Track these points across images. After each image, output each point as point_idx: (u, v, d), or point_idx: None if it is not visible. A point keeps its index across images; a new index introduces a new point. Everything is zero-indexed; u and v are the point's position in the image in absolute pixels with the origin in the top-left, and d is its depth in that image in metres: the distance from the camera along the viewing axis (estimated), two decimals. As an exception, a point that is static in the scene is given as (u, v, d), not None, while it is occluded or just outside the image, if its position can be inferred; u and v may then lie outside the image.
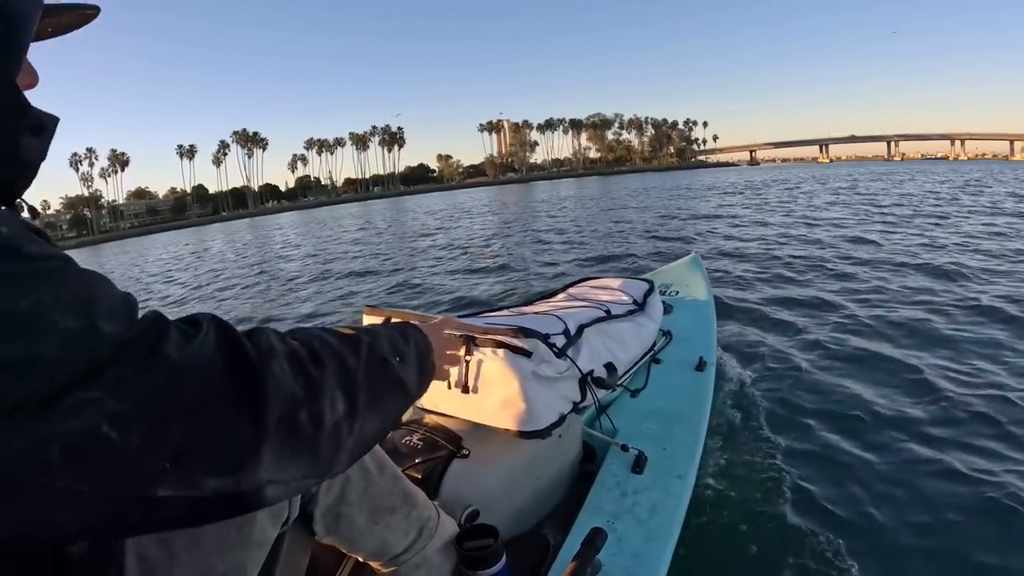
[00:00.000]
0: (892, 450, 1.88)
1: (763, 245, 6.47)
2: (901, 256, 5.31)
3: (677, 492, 1.15)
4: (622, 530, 1.05)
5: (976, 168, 32.55)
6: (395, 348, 0.60)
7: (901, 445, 1.91)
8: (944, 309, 3.45)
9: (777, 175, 32.33)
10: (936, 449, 1.87)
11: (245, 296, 6.82)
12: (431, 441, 1.16)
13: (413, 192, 73.27)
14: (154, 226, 63.89)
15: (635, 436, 1.32)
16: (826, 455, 1.85)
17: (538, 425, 1.11)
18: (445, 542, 0.93)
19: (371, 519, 0.83)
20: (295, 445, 0.43)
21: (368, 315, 1.32)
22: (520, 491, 1.14)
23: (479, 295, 5.06)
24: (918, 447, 1.89)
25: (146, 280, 10.98)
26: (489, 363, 1.12)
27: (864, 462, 1.82)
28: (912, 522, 1.52)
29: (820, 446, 1.92)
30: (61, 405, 0.32)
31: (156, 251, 20.78)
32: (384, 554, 0.86)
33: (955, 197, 11.91)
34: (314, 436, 0.44)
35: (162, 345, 0.37)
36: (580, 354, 1.26)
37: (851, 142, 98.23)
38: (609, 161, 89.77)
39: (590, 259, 6.51)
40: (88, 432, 0.33)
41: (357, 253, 9.72)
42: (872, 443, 1.93)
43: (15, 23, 0.40)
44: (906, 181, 19.25)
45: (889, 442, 1.92)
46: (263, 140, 74.61)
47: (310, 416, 0.44)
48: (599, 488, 1.17)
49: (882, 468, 1.78)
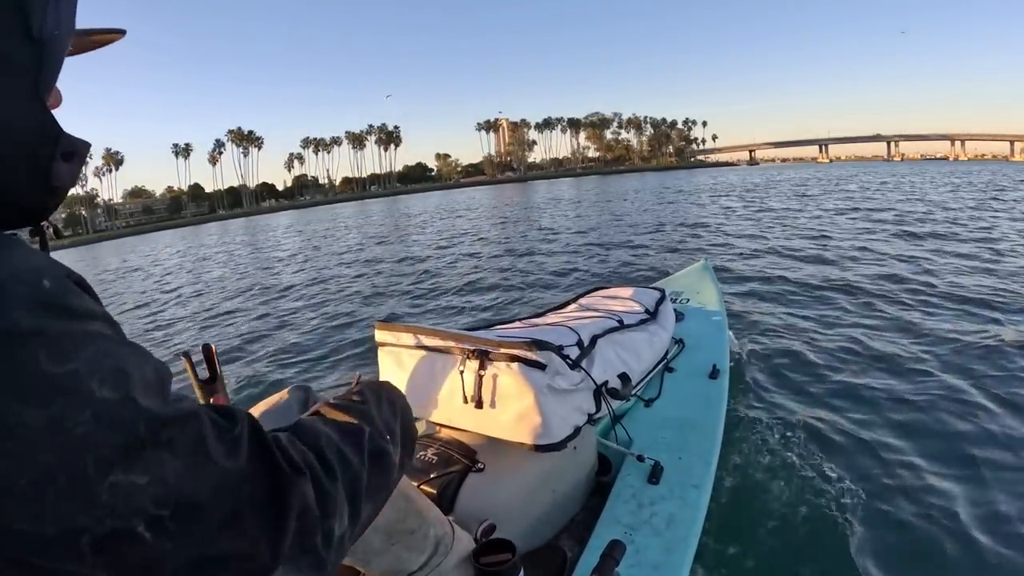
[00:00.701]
0: (919, 455, 1.87)
1: (773, 254, 6.35)
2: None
3: (694, 502, 1.16)
4: (640, 541, 1.05)
5: (984, 169, 32.12)
6: (388, 427, 0.59)
7: (931, 451, 1.89)
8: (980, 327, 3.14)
9: (776, 175, 32.20)
10: (973, 454, 1.83)
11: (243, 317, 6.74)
12: (446, 456, 1.16)
13: (410, 192, 73.18)
14: (148, 225, 63.62)
15: (650, 446, 1.33)
16: (845, 462, 1.85)
17: (553, 438, 1.11)
18: (461, 558, 0.92)
19: (387, 540, 0.82)
20: (304, 562, 0.42)
21: (380, 330, 1.32)
22: (536, 504, 1.15)
23: (488, 306, 5.00)
24: (951, 455, 1.85)
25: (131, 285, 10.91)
26: (503, 377, 1.13)
27: (886, 470, 1.81)
28: (951, 538, 1.47)
29: (838, 453, 1.91)
30: (99, 488, 0.31)
31: (142, 251, 20.54)
32: (399, 572, 0.85)
33: (980, 204, 10.69)
34: (324, 553, 0.44)
35: (206, 443, 0.36)
36: (594, 365, 1.27)
37: (851, 142, 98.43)
38: (608, 160, 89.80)
39: (597, 272, 6.40)
40: (123, 529, 0.31)
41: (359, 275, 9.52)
42: (895, 450, 1.92)
43: (49, 48, 0.39)
44: (925, 184, 17.25)
45: (916, 447, 1.91)
46: (258, 139, 74.40)
47: (323, 536, 0.43)
48: (615, 499, 1.18)
49: (907, 473, 1.78)
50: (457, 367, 1.19)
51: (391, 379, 1.31)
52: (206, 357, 1.14)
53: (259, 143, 74.46)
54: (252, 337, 4.85)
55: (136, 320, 6.56)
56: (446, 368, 1.21)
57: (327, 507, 0.44)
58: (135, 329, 5.96)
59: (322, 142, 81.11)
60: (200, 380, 1.14)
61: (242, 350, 4.51)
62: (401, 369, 1.29)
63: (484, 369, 1.15)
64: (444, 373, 1.21)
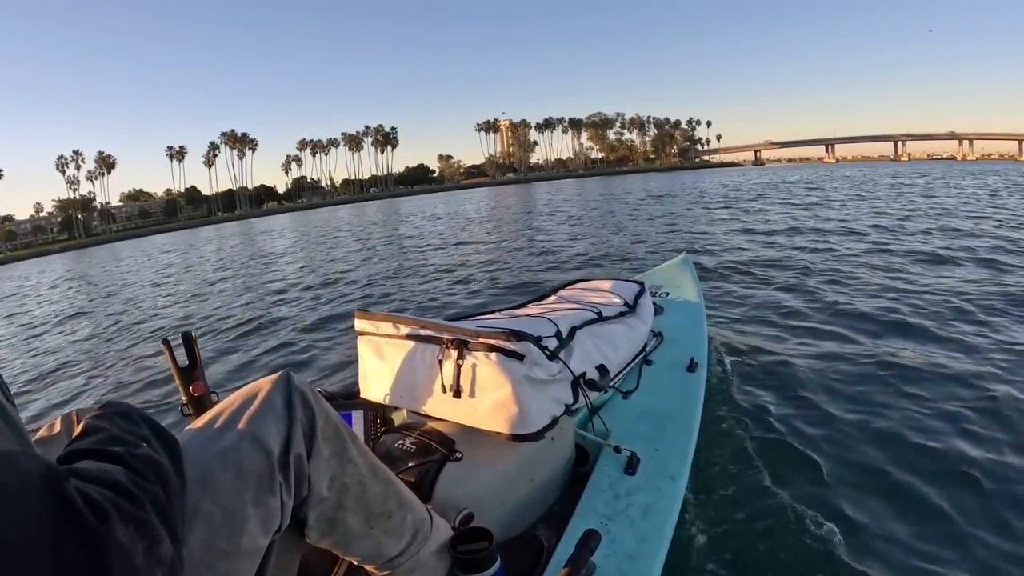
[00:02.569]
0: (886, 446, 1.92)
1: (762, 249, 6.49)
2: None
3: (670, 493, 1.18)
4: (616, 531, 1.08)
5: (995, 168, 32.18)
6: (138, 435, 0.60)
7: (896, 440, 1.95)
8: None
9: (786, 176, 32.22)
10: (936, 442, 1.92)
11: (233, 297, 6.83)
12: (424, 445, 1.18)
13: (409, 193, 73.34)
14: (141, 229, 63.76)
15: (627, 437, 1.35)
16: (817, 453, 1.89)
17: (531, 428, 1.14)
18: (440, 545, 0.94)
19: (366, 524, 0.84)
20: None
21: (360, 319, 1.36)
22: (513, 494, 1.17)
23: (471, 298, 5.08)
24: (914, 444, 1.93)
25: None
26: (482, 366, 1.16)
27: (857, 459, 1.86)
28: (909, 518, 1.56)
29: (811, 444, 1.96)
30: None
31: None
32: (379, 558, 0.87)
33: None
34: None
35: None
36: (572, 356, 1.30)
37: (857, 142, 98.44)
38: (611, 161, 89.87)
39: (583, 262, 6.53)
40: None
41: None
42: (865, 440, 1.97)
43: None
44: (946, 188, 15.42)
45: (888, 442, 1.96)
46: (252, 141, 74.40)
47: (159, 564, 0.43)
48: (592, 490, 1.20)
49: (875, 464, 1.82)
50: (436, 356, 1.22)
51: (371, 367, 1.34)
52: (186, 345, 1.18)
53: (253, 145, 74.57)
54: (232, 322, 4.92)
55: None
56: (425, 357, 1.24)
57: (149, 535, 0.44)
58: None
59: (319, 144, 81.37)
60: (180, 367, 1.18)
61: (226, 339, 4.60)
62: (380, 358, 1.32)
63: (463, 359, 1.18)
64: (423, 362, 1.24)
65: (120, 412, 0.64)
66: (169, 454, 0.61)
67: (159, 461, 0.56)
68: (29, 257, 44.26)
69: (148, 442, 0.60)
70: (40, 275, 19.10)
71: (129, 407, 0.66)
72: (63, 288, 12.60)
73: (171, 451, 0.63)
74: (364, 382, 1.37)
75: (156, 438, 0.62)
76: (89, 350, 5.29)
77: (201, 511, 0.65)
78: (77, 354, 5.18)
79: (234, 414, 0.72)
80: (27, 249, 56.39)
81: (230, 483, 0.67)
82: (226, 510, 0.66)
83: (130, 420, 0.63)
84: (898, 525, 1.53)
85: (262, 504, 0.69)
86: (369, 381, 1.35)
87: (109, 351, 5.09)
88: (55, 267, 23.10)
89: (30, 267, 27.98)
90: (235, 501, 0.67)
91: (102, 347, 5.31)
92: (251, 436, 0.70)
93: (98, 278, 13.46)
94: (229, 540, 0.66)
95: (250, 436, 0.70)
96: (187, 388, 1.21)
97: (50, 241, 62.28)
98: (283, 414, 0.74)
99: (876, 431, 2.03)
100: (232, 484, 0.67)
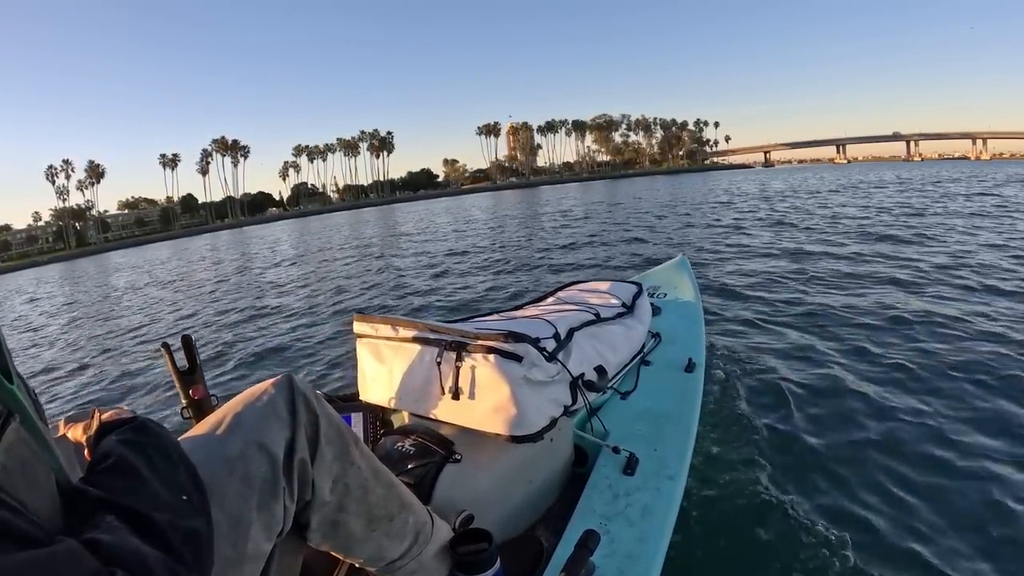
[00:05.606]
0: (884, 448, 1.95)
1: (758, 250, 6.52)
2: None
3: (668, 493, 1.21)
4: (615, 532, 1.10)
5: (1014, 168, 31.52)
6: (180, 488, 0.59)
7: (894, 444, 1.98)
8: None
9: (801, 177, 31.94)
10: (937, 442, 1.95)
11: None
12: (423, 447, 1.21)
13: (408, 199, 73.54)
14: (137, 238, 64.16)
15: (626, 438, 1.38)
16: (815, 454, 1.93)
17: (529, 429, 1.18)
18: (440, 547, 0.95)
19: (368, 527, 0.85)
20: None
21: (358, 322, 1.40)
22: (513, 495, 1.20)
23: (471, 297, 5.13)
24: (914, 444, 1.96)
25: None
26: (480, 368, 1.19)
27: (854, 459, 1.89)
28: (907, 517, 1.59)
29: (808, 445, 1.99)
30: None
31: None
32: (380, 560, 0.89)
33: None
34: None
35: None
36: (570, 358, 1.33)
37: (869, 142, 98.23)
38: (617, 164, 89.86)
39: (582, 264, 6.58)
40: None
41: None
42: (862, 441, 2.01)
43: None
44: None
45: (881, 441, 1.99)
46: (244, 147, 74.40)
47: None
48: (591, 490, 1.23)
49: (874, 465, 1.85)
50: (435, 358, 1.25)
51: (370, 370, 1.38)
52: (185, 348, 1.21)
53: (245, 152, 74.77)
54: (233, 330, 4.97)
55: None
56: (424, 359, 1.27)
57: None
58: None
59: (316, 149, 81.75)
60: (179, 370, 1.21)
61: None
62: (379, 360, 1.35)
63: (461, 360, 1.21)
64: (422, 364, 1.28)
65: (157, 445, 0.60)
66: (199, 498, 0.59)
67: (199, 532, 0.54)
68: (17, 269, 44.42)
69: (187, 494, 0.57)
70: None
71: (163, 434, 0.63)
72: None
73: (201, 494, 0.60)
74: (363, 384, 1.40)
75: (190, 481, 0.59)
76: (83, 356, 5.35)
77: None
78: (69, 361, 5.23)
79: (237, 419, 0.73)
80: (18, 260, 56.74)
81: (236, 490, 0.68)
82: (232, 517, 0.67)
83: (168, 460, 0.59)
84: (897, 524, 1.56)
85: (266, 509, 0.71)
86: (368, 383, 1.39)
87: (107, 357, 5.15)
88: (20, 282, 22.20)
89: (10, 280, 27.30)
90: (241, 508, 0.68)
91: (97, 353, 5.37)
92: (256, 442, 0.71)
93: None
94: (235, 547, 0.67)
95: (255, 442, 0.71)
96: (187, 392, 1.25)
97: (43, 251, 62.65)
98: (287, 418, 0.75)
99: (876, 431, 2.06)
100: (238, 491, 0.69)
